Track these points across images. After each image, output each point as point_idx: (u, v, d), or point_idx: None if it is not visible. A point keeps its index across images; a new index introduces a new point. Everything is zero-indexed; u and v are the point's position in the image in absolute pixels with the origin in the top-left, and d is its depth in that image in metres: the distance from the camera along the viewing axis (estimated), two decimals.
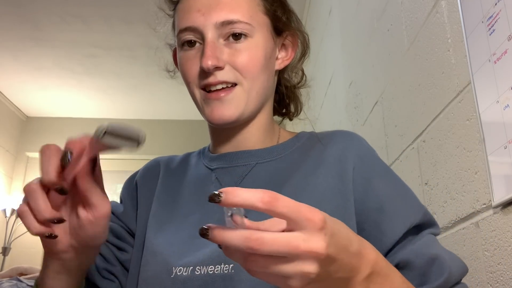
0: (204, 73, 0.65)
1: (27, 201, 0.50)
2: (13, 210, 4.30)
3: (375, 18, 1.48)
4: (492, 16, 0.78)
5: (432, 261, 0.57)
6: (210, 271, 0.59)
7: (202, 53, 0.65)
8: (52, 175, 0.49)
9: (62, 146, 0.50)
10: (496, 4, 0.77)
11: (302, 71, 0.80)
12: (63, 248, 0.53)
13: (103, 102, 4.64)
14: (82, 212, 0.52)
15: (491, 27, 0.79)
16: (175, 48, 0.77)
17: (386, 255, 0.60)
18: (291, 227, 0.38)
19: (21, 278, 2.17)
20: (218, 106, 0.66)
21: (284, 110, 0.82)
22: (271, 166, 0.70)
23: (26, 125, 4.88)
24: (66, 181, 0.49)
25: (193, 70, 0.67)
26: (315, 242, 0.38)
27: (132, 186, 0.77)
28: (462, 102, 0.91)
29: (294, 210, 0.38)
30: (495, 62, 0.77)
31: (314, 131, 0.76)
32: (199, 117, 0.70)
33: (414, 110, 1.16)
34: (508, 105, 0.73)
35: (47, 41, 3.61)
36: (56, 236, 0.51)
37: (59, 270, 0.56)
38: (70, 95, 4.48)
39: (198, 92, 0.67)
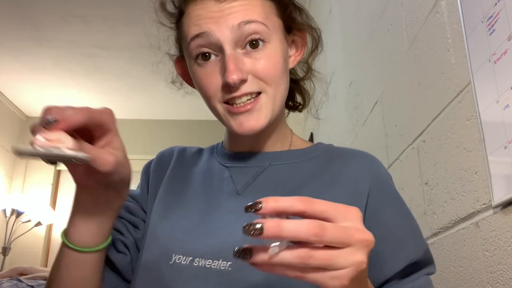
0: (228, 87, 0.63)
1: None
2: (13, 210, 4.30)
3: (375, 18, 1.48)
4: (492, 16, 0.78)
5: None
6: (208, 264, 0.60)
7: (224, 67, 0.62)
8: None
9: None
10: (496, 4, 0.77)
11: (308, 63, 0.80)
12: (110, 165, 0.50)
13: (103, 102, 4.63)
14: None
15: (491, 27, 0.79)
16: (178, 58, 0.76)
17: (382, 284, 0.61)
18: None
19: (21, 278, 2.17)
20: (246, 117, 0.65)
21: (291, 103, 0.82)
22: (284, 169, 0.70)
23: (26, 125, 4.88)
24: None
25: (214, 85, 0.65)
26: (365, 231, 0.39)
27: (147, 171, 0.78)
28: (462, 102, 0.91)
29: (331, 206, 0.39)
30: (495, 62, 0.77)
31: (333, 145, 0.76)
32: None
33: (414, 110, 1.16)
34: (508, 105, 0.73)
35: (47, 41, 3.61)
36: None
37: (90, 208, 0.54)
38: (70, 96, 4.48)
39: (220, 106, 0.66)
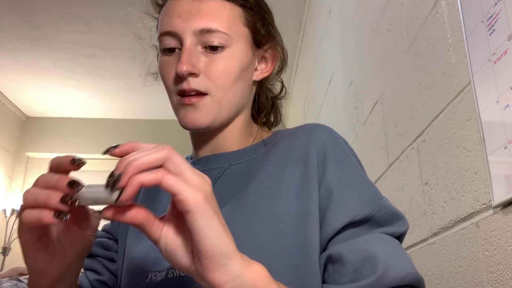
0: (180, 78, 0.66)
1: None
2: (13, 210, 4.29)
3: (375, 18, 1.48)
4: (492, 16, 0.78)
5: (365, 259, 0.54)
6: (182, 273, 0.60)
7: (179, 59, 0.65)
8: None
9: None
10: (496, 4, 0.77)
11: (282, 83, 0.81)
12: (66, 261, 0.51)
13: (103, 102, 4.64)
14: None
15: (491, 27, 0.79)
16: None
17: (326, 246, 0.59)
18: None
19: (21, 278, 2.17)
20: (191, 111, 0.67)
21: (265, 120, 0.82)
22: (243, 167, 0.70)
23: (26, 125, 4.87)
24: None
25: (170, 76, 0.68)
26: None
27: None
28: (462, 102, 0.91)
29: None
30: (495, 62, 0.77)
31: (289, 128, 0.76)
32: None
33: (414, 110, 1.16)
34: (508, 105, 0.73)
35: (47, 41, 3.61)
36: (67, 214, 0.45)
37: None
38: (70, 95, 4.48)
39: (174, 97, 0.68)
